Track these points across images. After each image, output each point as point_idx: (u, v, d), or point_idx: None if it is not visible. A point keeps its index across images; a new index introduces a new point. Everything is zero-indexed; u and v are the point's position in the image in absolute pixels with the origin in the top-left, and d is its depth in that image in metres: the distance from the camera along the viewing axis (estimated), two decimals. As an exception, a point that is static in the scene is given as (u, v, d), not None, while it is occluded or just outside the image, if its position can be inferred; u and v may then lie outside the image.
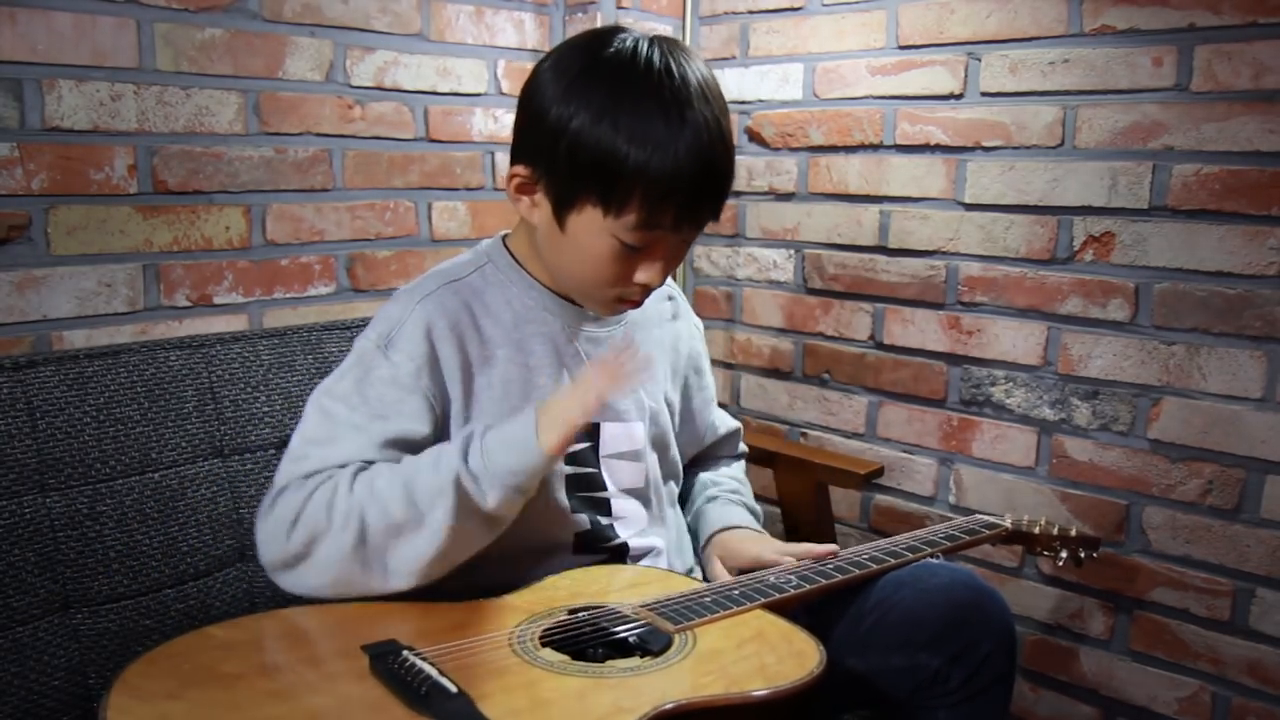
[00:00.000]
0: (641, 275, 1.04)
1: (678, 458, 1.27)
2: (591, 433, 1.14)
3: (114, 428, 1.20)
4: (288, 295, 1.59)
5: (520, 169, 1.04)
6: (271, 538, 0.98)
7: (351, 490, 0.96)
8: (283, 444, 1.32)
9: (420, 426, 1.04)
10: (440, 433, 1.07)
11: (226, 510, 1.27)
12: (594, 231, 1.01)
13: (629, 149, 0.95)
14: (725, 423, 1.38)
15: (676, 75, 0.98)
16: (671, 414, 1.26)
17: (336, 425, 1.02)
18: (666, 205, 0.98)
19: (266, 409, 1.33)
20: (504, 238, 1.17)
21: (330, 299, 1.64)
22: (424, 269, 1.74)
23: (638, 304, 1.10)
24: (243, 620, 1.00)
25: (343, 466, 0.99)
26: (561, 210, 1.02)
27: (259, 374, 1.33)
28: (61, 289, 1.36)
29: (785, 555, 1.13)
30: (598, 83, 0.98)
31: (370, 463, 1.00)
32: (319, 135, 1.60)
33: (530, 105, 1.04)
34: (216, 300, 1.51)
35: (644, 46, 1.00)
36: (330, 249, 1.64)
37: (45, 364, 1.17)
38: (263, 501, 1.02)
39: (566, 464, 1.12)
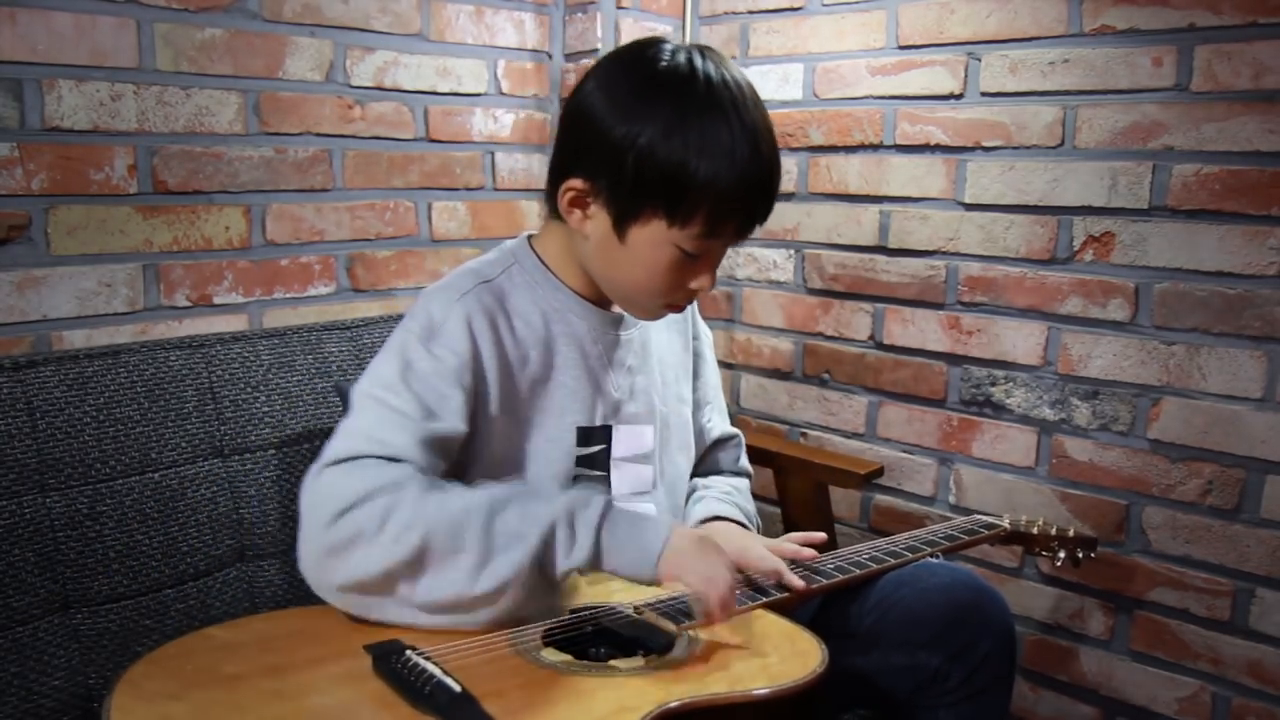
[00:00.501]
0: (695, 282, 1.06)
1: (694, 459, 1.27)
2: (604, 437, 1.14)
3: (114, 428, 1.20)
4: (288, 295, 1.59)
5: (577, 183, 1.04)
6: (315, 517, 0.93)
7: (417, 502, 0.93)
8: (283, 443, 1.33)
9: (461, 424, 1.03)
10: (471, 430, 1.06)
11: (226, 510, 1.27)
12: (657, 242, 1.02)
13: (699, 162, 0.97)
14: (720, 429, 1.36)
15: (732, 85, 1.00)
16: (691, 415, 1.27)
17: (389, 412, 1.00)
18: (732, 214, 1.01)
19: (266, 409, 1.33)
20: (529, 239, 1.17)
21: (330, 299, 1.64)
22: (424, 269, 1.76)
23: (682, 309, 1.13)
24: (243, 621, 1.01)
25: (401, 462, 0.96)
26: (623, 222, 1.02)
27: (259, 374, 1.33)
28: (61, 289, 1.36)
29: (767, 560, 1.08)
30: (660, 98, 0.99)
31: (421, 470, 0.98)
32: (319, 135, 1.60)
33: (584, 122, 1.03)
34: (216, 300, 1.51)
35: (696, 59, 1.01)
36: (330, 249, 1.64)
37: (45, 364, 1.17)
38: (310, 469, 0.98)
39: (576, 465, 1.12)
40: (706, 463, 1.36)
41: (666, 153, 0.97)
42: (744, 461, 1.38)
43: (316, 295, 1.63)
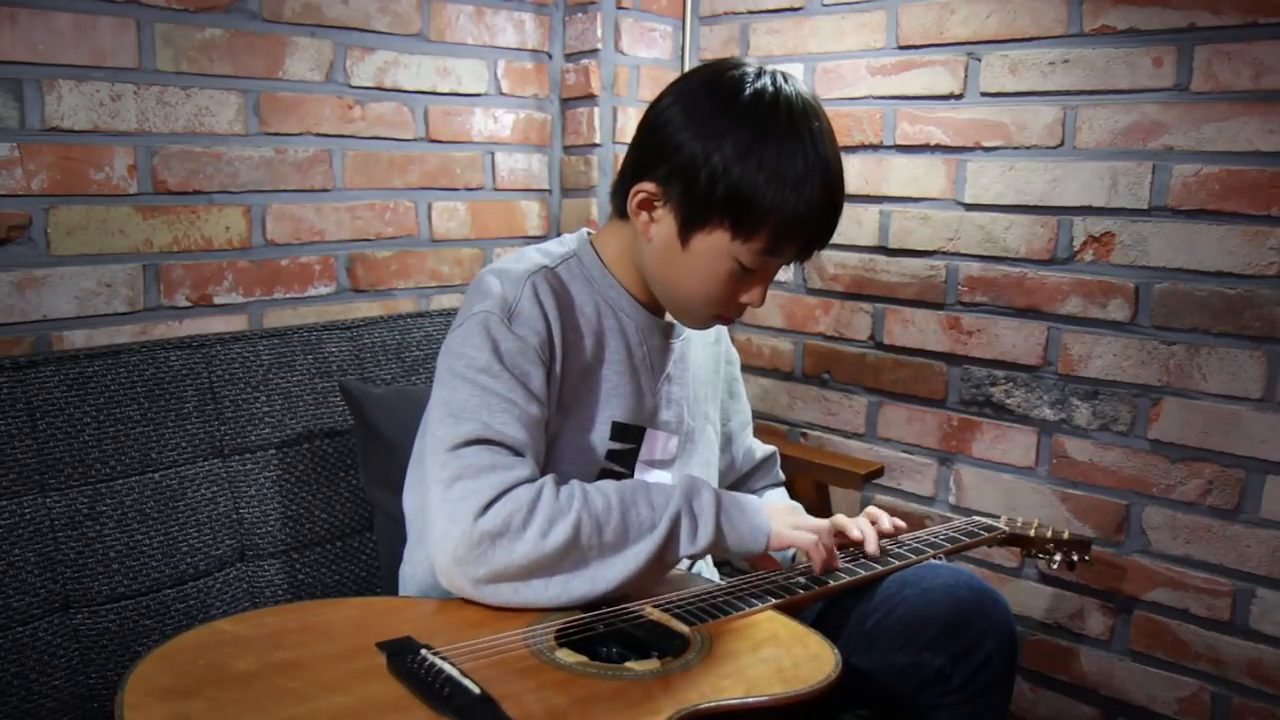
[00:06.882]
0: (747, 296, 1.09)
1: (716, 477, 1.29)
2: (636, 437, 1.16)
3: (114, 428, 1.20)
4: (288, 295, 1.59)
5: (649, 187, 1.06)
6: (454, 512, 0.96)
7: (559, 499, 0.99)
8: (283, 443, 1.33)
9: (546, 404, 1.06)
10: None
11: (226, 510, 1.27)
12: (718, 253, 1.05)
13: (770, 187, 1.00)
14: (761, 449, 1.41)
15: (812, 115, 1.03)
16: (715, 433, 1.29)
17: (491, 396, 1.02)
18: (795, 237, 1.04)
19: (266, 409, 1.33)
20: (588, 235, 1.18)
21: (330, 299, 1.64)
22: (424, 269, 1.76)
23: (729, 322, 1.15)
24: (251, 615, 0.99)
25: (522, 456, 1.01)
26: (688, 230, 1.05)
27: (259, 374, 1.33)
28: (61, 289, 1.36)
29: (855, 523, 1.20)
30: (742, 119, 1.01)
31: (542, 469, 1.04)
32: (319, 135, 1.60)
33: (663, 132, 1.06)
34: (216, 300, 1.51)
35: (782, 84, 1.03)
36: (330, 249, 1.64)
37: (45, 364, 1.17)
38: (424, 441, 1.06)
39: (605, 459, 1.13)
40: (753, 479, 1.40)
41: (740, 173, 1.00)
42: (778, 472, 1.44)
43: (316, 295, 1.63)
